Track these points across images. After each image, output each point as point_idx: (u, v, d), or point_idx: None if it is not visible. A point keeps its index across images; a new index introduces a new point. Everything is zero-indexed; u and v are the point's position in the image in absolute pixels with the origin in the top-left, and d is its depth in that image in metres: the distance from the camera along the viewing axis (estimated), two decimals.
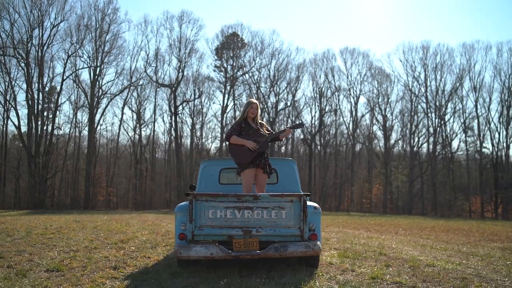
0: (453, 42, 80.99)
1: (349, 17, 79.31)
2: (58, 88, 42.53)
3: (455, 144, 49.24)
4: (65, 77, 41.68)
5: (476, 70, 47.31)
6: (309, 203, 5.79)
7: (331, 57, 51.49)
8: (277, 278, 5.32)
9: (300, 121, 6.30)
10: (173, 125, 46.85)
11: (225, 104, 47.73)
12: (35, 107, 39.03)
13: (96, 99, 42.96)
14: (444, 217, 36.54)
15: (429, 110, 48.22)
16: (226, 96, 47.96)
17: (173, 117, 46.69)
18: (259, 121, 6.45)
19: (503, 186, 44.06)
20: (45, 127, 40.69)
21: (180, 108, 47.68)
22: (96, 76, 42.77)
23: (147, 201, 45.30)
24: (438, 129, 47.90)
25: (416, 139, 49.93)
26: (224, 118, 47.75)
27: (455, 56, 48.82)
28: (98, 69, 42.87)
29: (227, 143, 6.59)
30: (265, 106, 49.68)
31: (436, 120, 47.97)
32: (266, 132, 6.37)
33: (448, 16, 75.17)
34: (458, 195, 47.75)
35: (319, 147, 52.53)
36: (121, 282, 5.24)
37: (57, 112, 43.08)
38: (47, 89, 41.93)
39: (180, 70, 46.06)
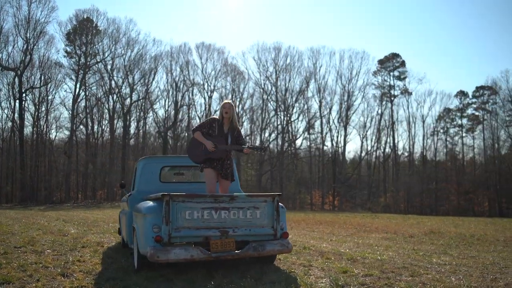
0: (302, 46, 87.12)
1: (206, 14, 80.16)
2: None
3: (299, 141, 53.23)
4: None
5: (321, 74, 51.93)
6: None
7: (187, 51, 51.41)
8: (258, 276, 5.38)
9: (262, 146, 6.39)
10: (17, 113, 42.23)
11: (76, 93, 44.59)
12: None
13: None
14: (289, 209, 39.17)
15: (278, 109, 51.25)
16: (78, 84, 44.81)
17: (17, 104, 42.09)
18: (237, 126, 6.36)
19: (340, 181, 49.15)
20: None
21: (23, 94, 43.09)
22: None
23: None
24: (286, 127, 51.22)
25: (266, 135, 52.66)
26: (76, 108, 44.55)
27: (304, 59, 52.88)
28: None
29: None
30: (118, 97, 47.80)
31: (285, 118, 51.23)
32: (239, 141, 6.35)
33: (299, 20, 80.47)
34: (301, 188, 51.87)
35: (171, 140, 52.15)
36: None
37: None
38: None
39: (28, 53, 41.63)
